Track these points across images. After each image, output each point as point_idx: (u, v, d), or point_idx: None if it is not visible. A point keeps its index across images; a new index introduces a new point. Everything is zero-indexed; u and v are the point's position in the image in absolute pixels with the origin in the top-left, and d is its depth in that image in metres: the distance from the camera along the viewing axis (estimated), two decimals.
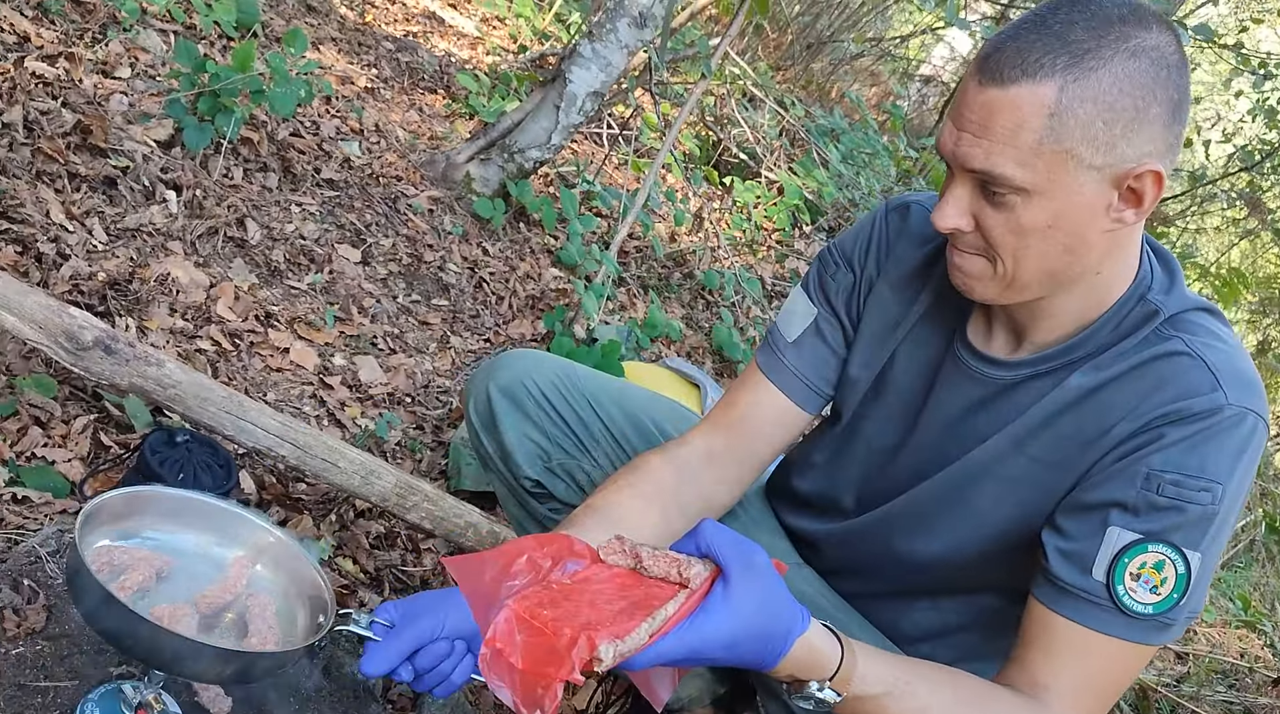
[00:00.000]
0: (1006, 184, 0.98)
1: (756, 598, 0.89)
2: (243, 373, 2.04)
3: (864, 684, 0.97)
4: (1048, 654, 1.03)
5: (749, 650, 0.90)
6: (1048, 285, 1.06)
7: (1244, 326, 6.80)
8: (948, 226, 1.04)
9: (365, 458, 1.71)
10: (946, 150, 1.02)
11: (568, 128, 3.12)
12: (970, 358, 1.17)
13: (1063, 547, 1.04)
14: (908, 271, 1.25)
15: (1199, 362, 1.03)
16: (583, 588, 0.87)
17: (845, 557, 1.32)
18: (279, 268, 2.40)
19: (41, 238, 1.93)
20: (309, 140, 2.89)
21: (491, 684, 0.79)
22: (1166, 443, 1.01)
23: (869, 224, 1.29)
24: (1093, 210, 0.99)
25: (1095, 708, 1.03)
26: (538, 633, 0.79)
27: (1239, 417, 1.01)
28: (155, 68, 2.64)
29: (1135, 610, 1.00)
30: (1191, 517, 0.99)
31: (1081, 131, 0.95)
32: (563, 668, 0.77)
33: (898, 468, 1.24)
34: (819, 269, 1.31)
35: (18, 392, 1.60)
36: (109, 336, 1.51)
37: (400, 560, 1.83)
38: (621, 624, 0.81)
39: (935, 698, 1.00)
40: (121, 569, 1.12)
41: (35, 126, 2.16)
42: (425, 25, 4.48)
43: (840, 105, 6.32)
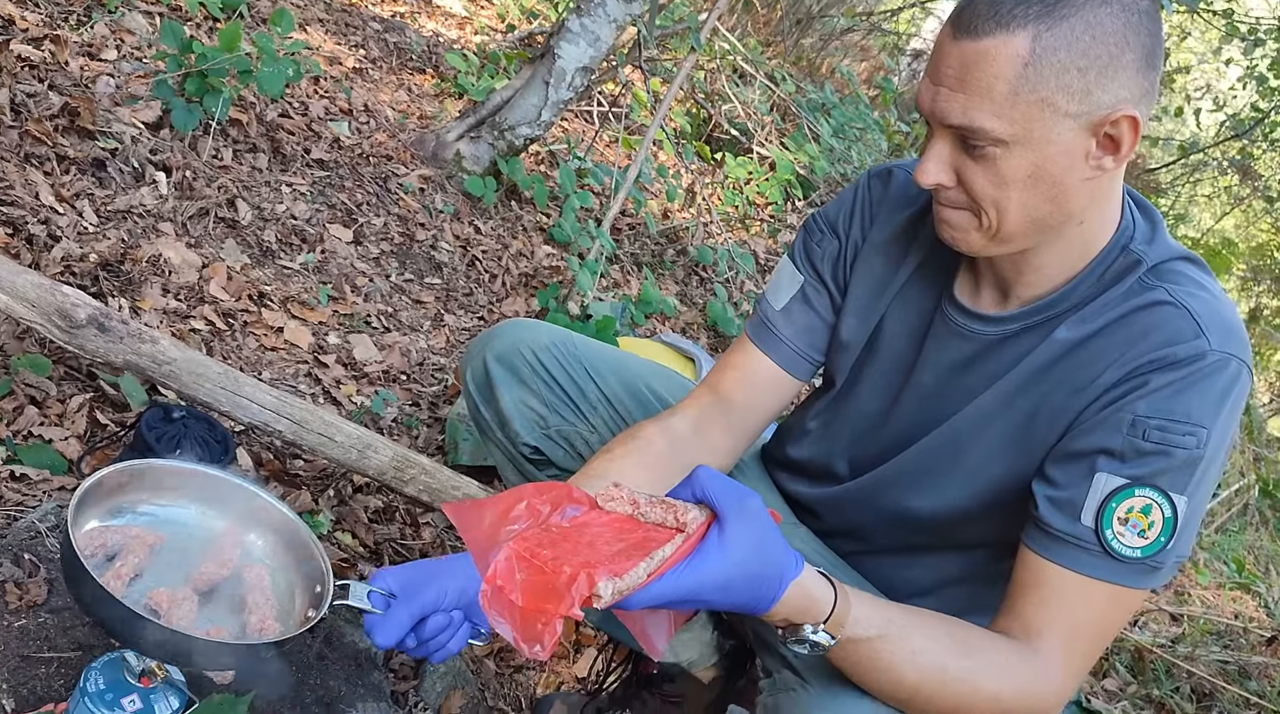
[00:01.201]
0: (985, 136, 0.99)
1: (750, 541, 0.91)
2: (237, 352, 2.04)
3: (857, 627, 0.98)
4: (1039, 601, 1.04)
5: (743, 593, 0.91)
6: (1033, 236, 1.07)
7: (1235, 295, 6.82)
8: (930, 182, 1.05)
9: (361, 432, 1.71)
10: (925, 107, 1.03)
11: (557, 104, 3.11)
12: (958, 315, 1.18)
13: (1052, 495, 1.05)
14: (892, 235, 1.26)
15: (1182, 310, 1.05)
16: (581, 531, 0.89)
17: (841, 519, 1.33)
18: (271, 248, 2.40)
19: (32, 220, 1.93)
20: (298, 121, 2.88)
21: (491, 620, 0.80)
22: (1151, 389, 1.02)
23: (852, 192, 1.31)
24: (1071, 158, 1.00)
25: (1088, 651, 1.05)
26: (537, 571, 0.80)
27: (1222, 362, 1.02)
28: (141, 49, 2.63)
29: (1124, 554, 1.01)
30: (1177, 461, 1.01)
31: (1056, 79, 0.96)
32: (562, 603, 0.78)
33: (890, 429, 1.25)
34: (804, 237, 1.33)
35: (13, 371, 1.61)
36: (102, 314, 1.51)
37: (399, 534, 1.84)
38: (620, 563, 0.82)
39: (928, 642, 1.01)
40: (115, 551, 1.13)
41: (22, 109, 2.15)
42: (412, 5, 4.46)
43: (831, 80, 6.30)
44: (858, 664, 1.02)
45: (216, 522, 1.24)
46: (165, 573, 1.14)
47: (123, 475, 1.17)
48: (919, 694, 1.01)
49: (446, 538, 1.89)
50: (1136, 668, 2.67)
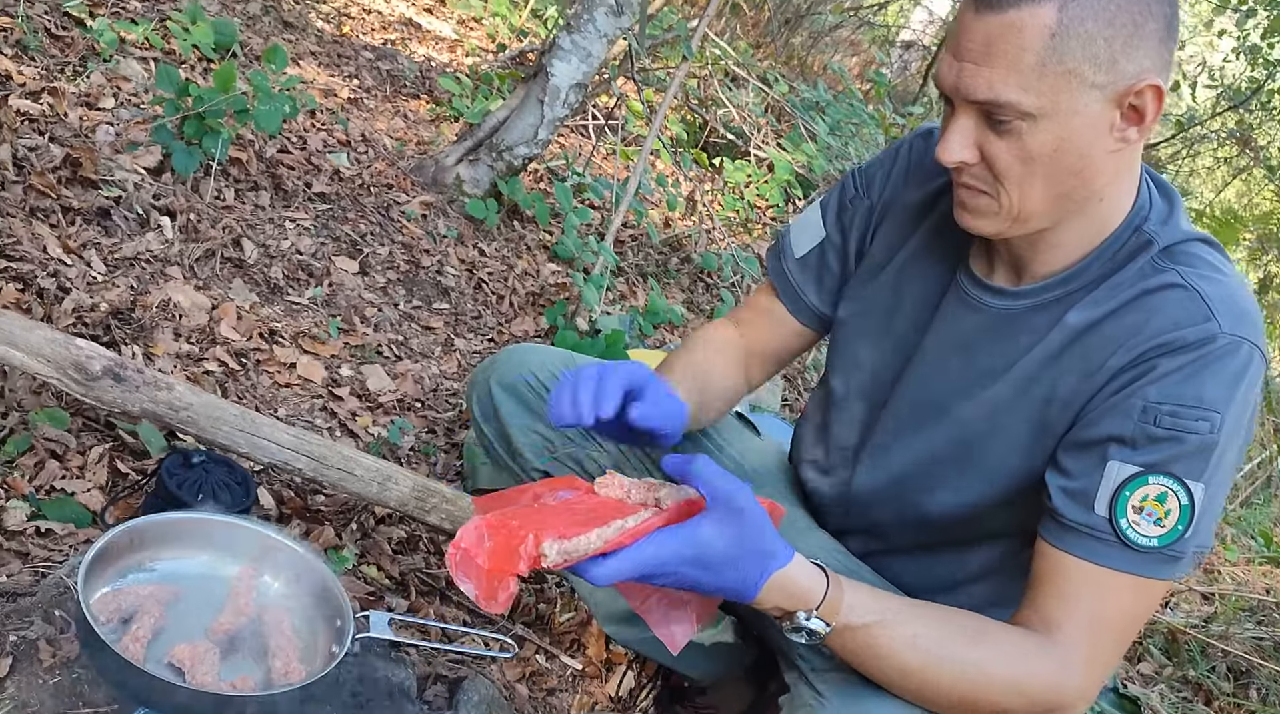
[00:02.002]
0: (1012, 110, 0.98)
1: (731, 525, 0.94)
2: (252, 391, 2.05)
3: (852, 614, 0.99)
4: (1057, 593, 1.03)
5: (725, 575, 0.94)
6: (1055, 213, 1.06)
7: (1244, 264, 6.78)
8: (954, 160, 1.04)
9: (380, 464, 1.72)
10: (948, 84, 1.02)
11: (553, 122, 3.12)
12: (972, 286, 1.17)
13: (1065, 485, 1.05)
14: (923, 197, 1.26)
15: (1193, 292, 1.04)
16: (562, 506, 0.96)
17: (860, 518, 1.32)
18: (279, 284, 2.41)
19: (41, 273, 1.94)
20: (297, 155, 2.90)
21: (457, 580, 0.87)
22: (1161, 374, 1.01)
23: (894, 151, 1.31)
24: (1097, 130, 1.00)
25: (1110, 643, 1.03)
26: (502, 537, 0.87)
27: (1233, 345, 1.01)
28: (138, 96, 2.65)
29: (1140, 544, 1.00)
30: (1190, 447, 1.00)
31: (1083, 49, 0.96)
32: (512, 563, 0.85)
33: (902, 403, 1.24)
34: (840, 193, 1.34)
35: (31, 427, 1.62)
36: (117, 364, 1.52)
37: (424, 563, 1.85)
38: (571, 529, 0.88)
39: (929, 628, 1.02)
40: (131, 613, 1.13)
41: (25, 163, 2.16)
42: (403, 32, 4.48)
43: (823, 78, 6.30)
44: (856, 652, 1.02)
45: (229, 568, 1.25)
46: (184, 627, 1.14)
47: (127, 536, 1.18)
48: (927, 684, 1.01)
49: None
50: (1171, 650, 2.65)
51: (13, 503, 1.49)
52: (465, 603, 1.80)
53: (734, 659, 1.61)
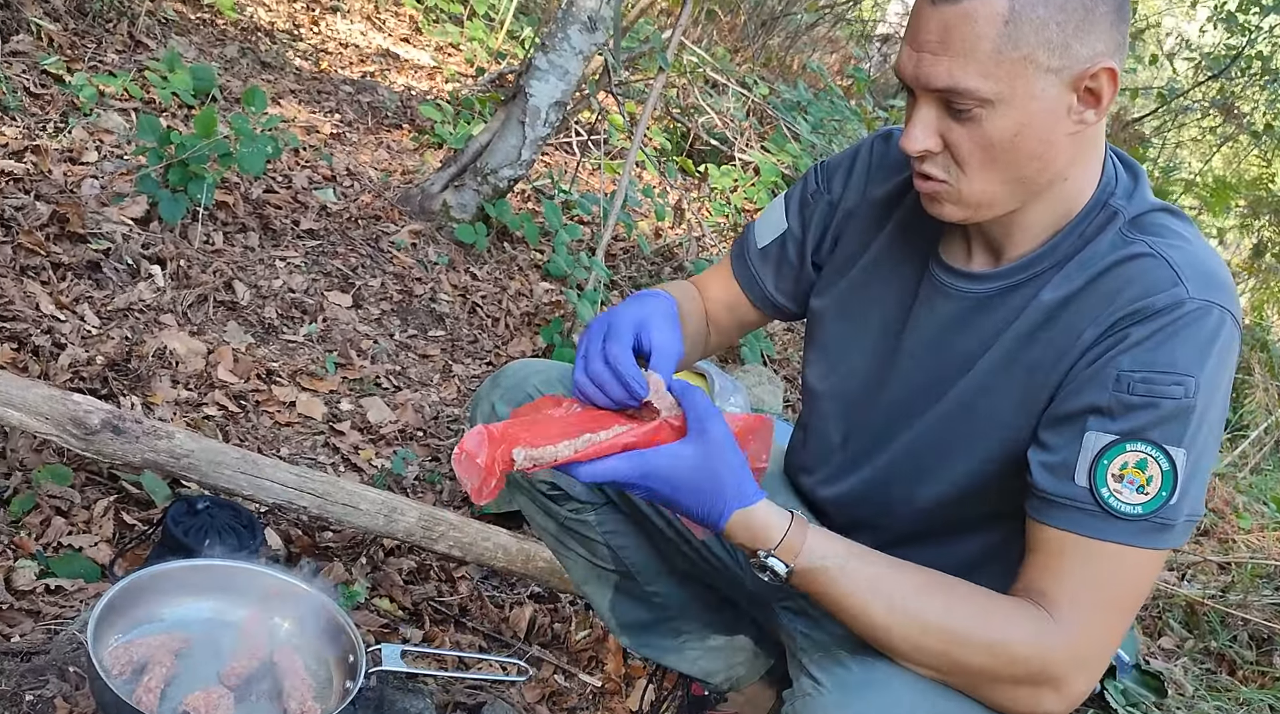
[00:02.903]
0: (971, 97, 1.00)
1: (700, 455, 1.01)
2: (253, 433, 2.05)
3: (812, 555, 1.03)
4: (1047, 566, 1.03)
5: (690, 500, 1.02)
6: (1018, 196, 1.07)
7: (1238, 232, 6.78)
8: (917, 149, 1.06)
9: (385, 497, 1.72)
10: (908, 74, 1.04)
11: (536, 141, 3.13)
12: (945, 275, 1.18)
13: (1045, 459, 1.05)
14: (885, 196, 1.28)
15: (1160, 260, 1.04)
16: (561, 419, 1.04)
17: (854, 514, 1.32)
18: (273, 324, 2.42)
19: (35, 331, 1.95)
20: (283, 194, 2.91)
21: (458, 473, 0.98)
22: (1132, 342, 1.02)
23: (854, 152, 1.34)
24: (1055, 114, 1.02)
25: (1105, 613, 1.03)
26: (495, 442, 0.97)
27: (1203, 309, 1.01)
28: (121, 147, 2.66)
29: (1124, 512, 1.00)
30: (1166, 412, 1.00)
31: (1037, 35, 0.98)
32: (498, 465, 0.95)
33: (887, 399, 1.24)
34: (802, 186, 1.36)
35: (35, 485, 1.62)
36: (116, 417, 1.53)
37: (436, 592, 1.85)
38: (544, 438, 0.99)
39: (889, 572, 1.05)
40: (143, 663, 1.13)
41: (12, 223, 2.18)
42: (381, 64, 4.50)
43: (803, 77, 6.32)
44: (821, 594, 1.05)
45: (237, 611, 1.25)
46: (197, 674, 1.15)
47: (135, 587, 1.19)
48: (894, 631, 1.02)
49: (483, 589, 1.90)
50: (1190, 622, 2.65)
51: (21, 562, 1.49)
52: (481, 628, 1.80)
53: (753, 664, 1.61)
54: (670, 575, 1.48)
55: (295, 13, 4.58)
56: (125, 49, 3.25)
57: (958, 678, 1.03)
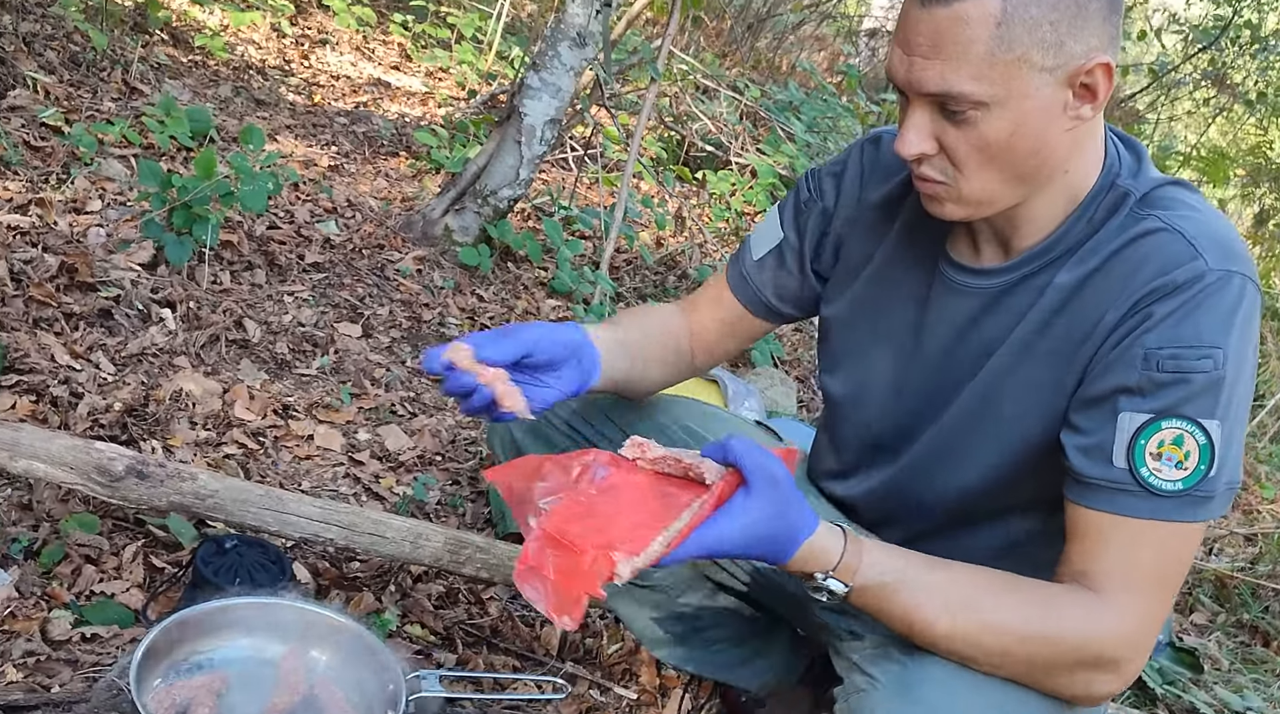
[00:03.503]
0: (965, 100, 1.00)
1: (773, 507, 0.98)
2: (274, 469, 2.06)
3: (870, 571, 1.02)
4: (1092, 549, 1.04)
5: (762, 550, 1.00)
6: (1021, 191, 1.07)
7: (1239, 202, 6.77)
8: (913, 153, 1.06)
9: (410, 523, 1.73)
10: (900, 78, 1.04)
11: (533, 160, 3.14)
12: (957, 273, 1.18)
13: (1081, 443, 1.05)
14: (883, 200, 1.28)
15: (1175, 234, 1.04)
16: (609, 497, 0.98)
17: (884, 510, 1.33)
18: (285, 359, 2.43)
19: (52, 382, 1.97)
20: (286, 229, 2.93)
21: (525, 594, 0.90)
22: (1156, 319, 1.02)
23: (844, 158, 1.33)
24: (1051, 113, 1.01)
25: (1154, 592, 1.03)
26: (566, 550, 0.90)
27: (1224, 279, 1.01)
28: (124, 193, 2.68)
29: (1165, 489, 1.00)
30: (1198, 386, 1.00)
31: (1030, 35, 0.97)
32: (587, 583, 0.88)
33: (909, 399, 1.25)
34: (795, 195, 1.36)
35: (63, 535, 1.63)
36: (139, 462, 1.54)
37: (466, 615, 1.85)
38: (639, 538, 0.92)
39: (949, 581, 1.04)
40: (184, 706, 1.15)
41: (22, 277, 2.19)
42: (373, 93, 4.52)
43: (794, 77, 6.34)
44: (879, 609, 1.04)
45: (275, 648, 1.26)
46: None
47: (172, 630, 1.20)
48: (955, 637, 1.02)
49: (513, 608, 1.90)
50: (1221, 596, 2.64)
51: (55, 613, 1.50)
52: (514, 648, 1.80)
53: (789, 667, 1.61)
54: (702, 587, 1.48)
55: (285, 48, 4.61)
56: (121, 96, 3.28)
57: (1017, 671, 1.03)
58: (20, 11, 3.33)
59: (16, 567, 1.55)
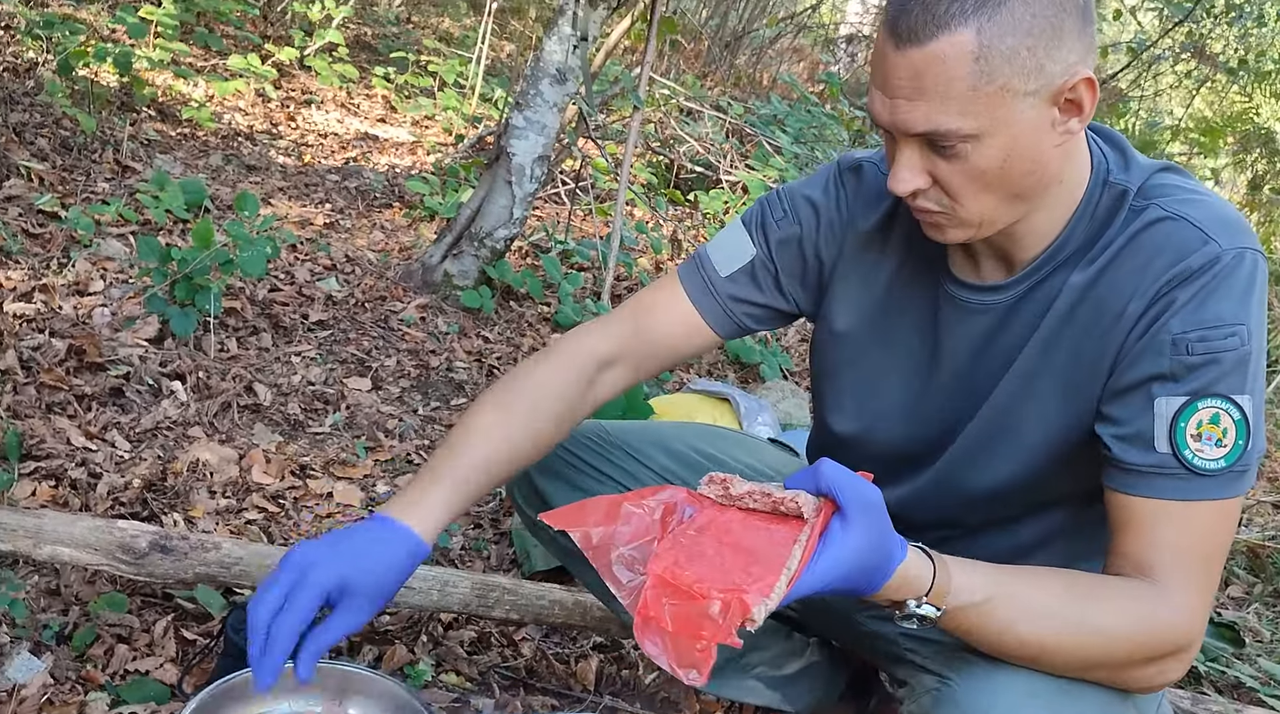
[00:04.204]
0: (955, 136, 1.00)
1: (871, 535, 0.94)
2: (296, 529, 2.07)
3: (961, 594, 1.00)
4: (1142, 537, 1.04)
5: (858, 581, 0.95)
6: (1020, 209, 1.08)
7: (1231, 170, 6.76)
8: (905, 190, 1.06)
9: (436, 571, 1.73)
10: (884, 120, 1.04)
11: (525, 198, 3.17)
12: (965, 293, 1.19)
13: (1119, 432, 1.06)
14: (875, 228, 1.27)
15: (1181, 221, 1.06)
16: (709, 538, 0.92)
17: (918, 516, 1.33)
18: (298, 419, 2.44)
19: (70, 465, 1.98)
20: (288, 291, 2.95)
21: (646, 649, 0.84)
22: (1179, 305, 1.03)
23: (822, 183, 1.31)
24: (1040, 132, 1.02)
25: (1206, 571, 1.04)
26: (684, 596, 0.83)
27: (1237, 257, 1.03)
28: (125, 271, 2.71)
29: (1209, 469, 1.02)
30: (1228, 364, 1.02)
31: (1009, 64, 0.97)
32: (719, 632, 0.82)
33: (931, 420, 1.25)
34: (763, 211, 1.31)
35: (93, 617, 1.64)
36: (162, 537, 1.55)
37: (500, 658, 1.85)
38: (764, 579, 0.85)
39: (1039, 594, 1.02)
40: None
41: (31, 363, 2.21)
42: (362, 147, 4.57)
43: (775, 90, 6.37)
44: (970, 631, 1.02)
45: (313, 709, 1.26)
46: None
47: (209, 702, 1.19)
48: (1046, 650, 1.01)
49: (545, 646, 1.90)
50: (1255, 567, 2.62)
51: (92, 695, 1.51)
52: (551, 687, 1.80)
53: (830, 685, 1.60)
54: None
55: (271, 112, 4.66)
56: (114, 176, 3.32)
57: (1103, 674, 1.03)
58: (9, 102, 3.37)
59: (50, 653, 1.56)
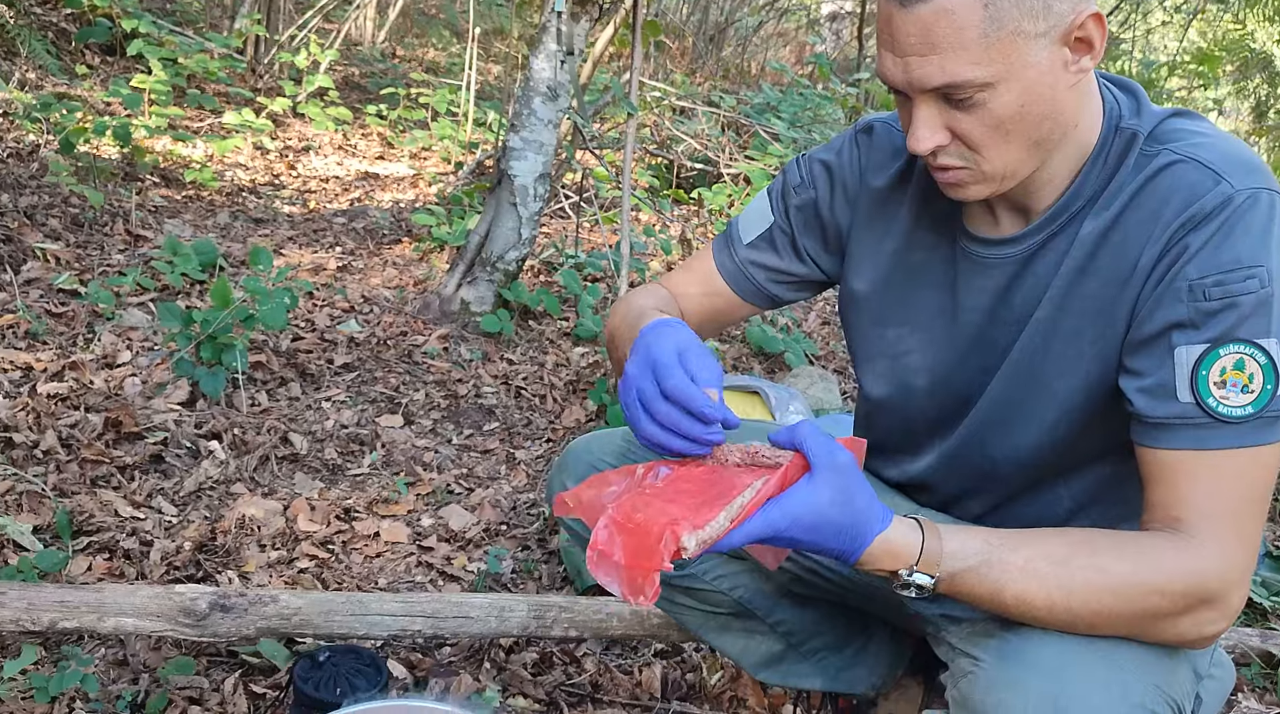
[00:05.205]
0: (971, 86, 1.00)
1: (838, 490, 0.97)
2: (348, 573, 2.09)
3: (954, 560, 1.00)
4: (1173, 491, 1.02)
5: (831, 540, 0.98)
6: (1040, 157, 1.08)
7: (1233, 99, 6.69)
8: (927, 148, 1.06)
9: (491, 598, 1.75)
10: (898, 80, 1.04)
11: (531, 218, 3.18)
12: (980, 248, 1.18)
13: (1141, 385, 1.05)
14: (887, 189, 1.27)
15: (1193, 163, 1.04)
16: (671, 487, 0.99)
17: (953, 485, 1.32)
18: (337, 464, 2.47)
19: (121, 536, 2.01)
20: (310, 338, 2.98)
21: (600, 581, 0.92)
22: (1194, 250, 1.02)
23: (838, 147, 1.33)
24: (1054, 73, 1.02)
25: (1244, 521, 1.02)
26: (633, 533, 0.91)
27: (1252, 197, 1.01)
28: (149, 339, 2.74)
29: (1235, 415, 1.00)
30: (1248, 308, 0.99)
31: (1017, 8, 0.97)
32: (654, 559, 0.89)
33: (954, 382, 1.24)
34: (784, 180, 1.35)
35: (163, 682, 1.66)
36: (221, 596, 1.57)
37: (564, 676, 1.86)
38: (702, 514, 0.92)
39: (1037, 551, 1.01)
40: None
41: (71, 441, 2.25)
42: (364, 187, 4.60)
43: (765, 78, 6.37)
44: (972, 594, 1.02)
45: None
46: None
47: None
48: (1056, 606, 1.00)
49: (608, 659, 1.91)
50: None
51: None
52: (618, 699, 1.81)
53: (894, 662, 1.60)
54: (789, 603, 1.48)
55: (271, 164, 4.71)
56: (126, 246, 3.36)
57: (1126, 628, 1.02)
58: (16, 188, 3.43)
59: None
